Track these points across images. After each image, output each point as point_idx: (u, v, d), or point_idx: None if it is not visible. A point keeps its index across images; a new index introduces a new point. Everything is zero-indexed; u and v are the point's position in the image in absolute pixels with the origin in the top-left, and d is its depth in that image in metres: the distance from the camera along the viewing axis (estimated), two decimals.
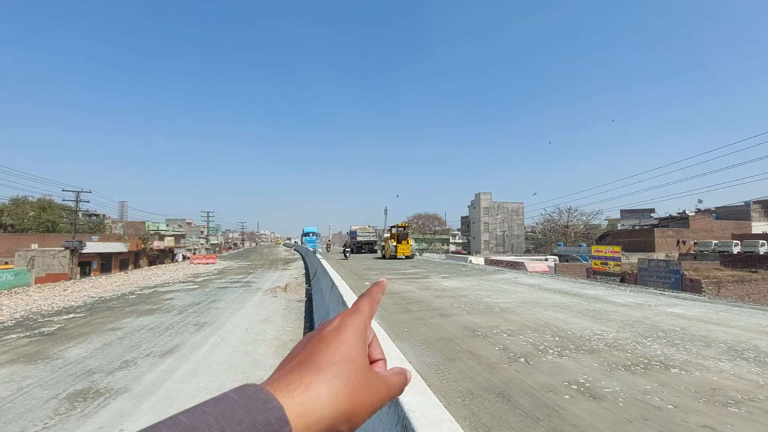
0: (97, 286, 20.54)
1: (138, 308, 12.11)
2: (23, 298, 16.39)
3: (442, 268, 20.59)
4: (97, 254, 39.63)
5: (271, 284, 17.86)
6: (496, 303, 9.15)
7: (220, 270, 28.69)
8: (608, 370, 4.48)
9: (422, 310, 8.42)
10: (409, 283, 13.45)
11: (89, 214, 58.06)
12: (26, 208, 49.70)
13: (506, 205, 78.22)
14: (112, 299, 14.66)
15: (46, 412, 4.71)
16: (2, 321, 11.08)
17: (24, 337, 8.84)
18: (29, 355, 7.23)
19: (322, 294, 9.48)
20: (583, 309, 8.35)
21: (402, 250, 28.42)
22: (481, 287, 12.17)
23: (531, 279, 14.75)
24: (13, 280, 25.50)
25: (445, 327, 6.83)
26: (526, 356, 5.02)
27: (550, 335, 6.08)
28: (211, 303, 12.67)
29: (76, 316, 11.20)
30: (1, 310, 13.12)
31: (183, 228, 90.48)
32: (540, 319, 7.32)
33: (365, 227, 41.75)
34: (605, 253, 25.41)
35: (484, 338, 5.99)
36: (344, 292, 5.38)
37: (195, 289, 16.70)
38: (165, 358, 6.67)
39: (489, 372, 4.49)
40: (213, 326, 9.09)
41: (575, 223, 64.54)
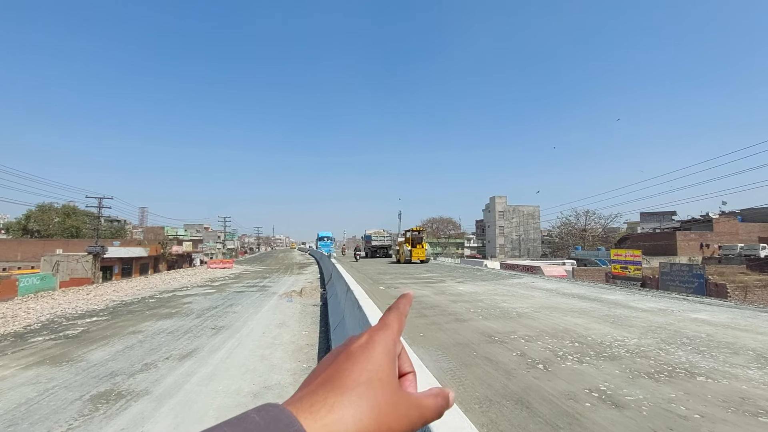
0: (119, 290, 21.05)
1: (158, 312, 12.35)
2: (49, 301, 16.90)
3: (457, 273, 20.43)
4: (118, 259, 40.62)
5: (287, 288, 18.01)
6: (512, 308, 9.02)
7: (237, 274, 29.07)
8: (630, 378, 4.37)
9: (438, 315, 8.36)
10: (424, 288, 13.38)
11: (111, 220, 59.57)
12: (51, 214, 51.40)
13: (522, 209, 77.30)
14: (132, 303, 14.99)
15: (71, 413, 4.83)
16: (29, 324, 11.44)
17: (50, 339, 9.10)
18: (54, 357, 7.44)
19: (337, 298, 9.52)
20: (602, 314, 8.17)
21: (417, 255, 28.26)
22: (497, 292, 12.03)
23: (548, 283, 14.51)
24: (39, 284, 26.33)
25: (461, 332, 6.76)
26: (544, 362, 4.93)
27: (569, 341, 5.96)
28: (228, 307, 12.84)
29: (98, 320, 11.49)
30: (28, 313, 13.55)
31: (200, 233, 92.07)
32: (558, 324, 7.19)
33: (380, 231, 41.42)
34: (625, 257, 24.83)
35: (501, 344, 5.91)
36: (359, 297, 5.39)
37: (212, 293, 16.96)
38: (184, 362, 6.78)
39: (507, 378, 4.42)
40: (230, 330, 9.21)
41: (593, 227, 63.27)
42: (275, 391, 5.24)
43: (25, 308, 14.87)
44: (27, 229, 50.98)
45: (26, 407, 5.08)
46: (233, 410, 4.63)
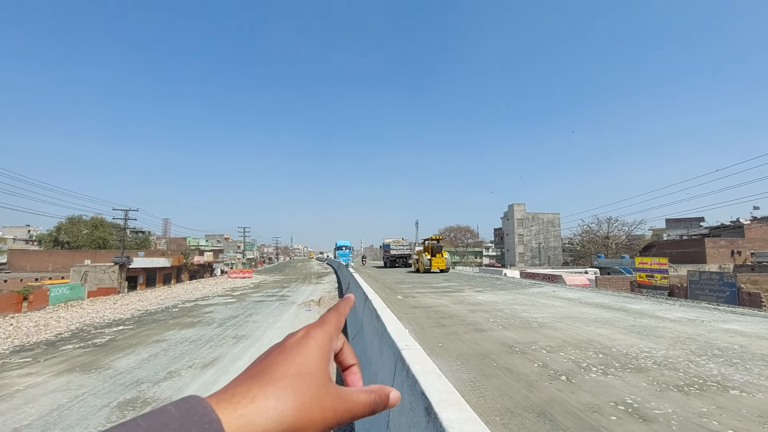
0: (143, 299, 21.60)
1: (181, 321, 12.62)
2: (78, 311, 17.47)
3: (476, 282, 20.20)
4: (142, 269, 41.73)
5: (305, 298, 18.14)
6: (533, 318, 8.86)
7: (256, 284, 29.46)
8: (658, 391, 4.23)
9: (456, 325, 8.28)
10: (441, 297, 13.28)
11: (136, 231, 61.36)
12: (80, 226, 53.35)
13: (541, 216, 76.07)
14: (156, 312, 15.35)
15: (99, 419, 4.97)
16: (60, 332, 11.85)
17: (79, 347, 9.41)
18: (84, 365, 7.68)
19: (355, 308, 9.54)
20: (628, 325, 7.94)
21: (437, 264, 27.93)
22: (517, 301, 11.84)
23: (570, 293, 14.20)
24: (68, 293, 27.25)
25: (480, 342, 6.67)
26: (567, 374, 4.82)
27: (593, 352, 5.81)
28: (248, 316, 13.02)
29: (124, 329, 11.81)
30: (58, 322, 14.04)
31: (221, 243, 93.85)
32: (581, 335, 7.02)
33: (399, 240, 40.48)
34: (651, 265, 24.12)
35: (522, 354, 5.80)
36: (378, 306, 5.41)
37: (233, 303, 17.23)
38: (206, 370, 6.90)
39: (528, 390, 4.34)
40: (251, 339, 9.33)
41: (616, 234, 61.70)
42: None
43: (56, 317, 15.41)
44: (58, 240, 53.03)
45: (58, 413, 5.26)
46: None
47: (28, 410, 5.42)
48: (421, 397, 1.81)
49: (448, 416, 1.48)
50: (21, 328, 13.08)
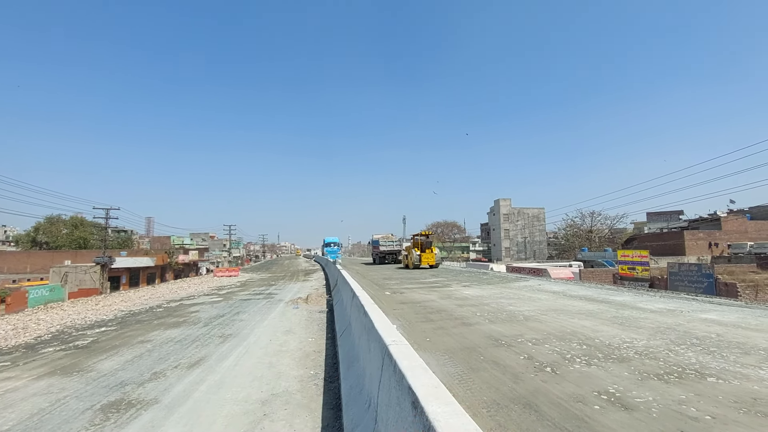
0: (127, 300, 21.19)
1: (165, 321, 12.42)
2: (58, 312, 17.05)
3: (463, 277, 20.37)
4: (125, 269, 40.91)
5: (293, 295, 18.04)
6: (519, 311, 8.99)
7: (243, 282, 29.16)
8: (640, 380, 4.34)
9: (444, 320, 8.35)
10: (429, 293, 13.36)
11: (118, 230, 60.05)
12: (60, 226, 51.97)
13: (527, 211, 77.02)
14: (140, 312, 15.08)
15: (82, 422, 4.86)
16: (40, 335, 11.54)
17: (60, 350, 9.18)
18: (65, 368, 7.50)
19: (343, 305, 9.53)
20: (611, 316, 8.12)
21: (426, 260, 27.86)
22: (504, 295, 11.99)
23: (555, 286, 14.43)
24: (48, 295, 26.56)
25: (467, 336, 6.74)
26: (552, 365, 4.91)
27: (577, 344, 5.93)
28: (235, 315, 12.89)
29: (107, 330, 11.57)
30: (38, 324, 13.68)
31: (206, 242, 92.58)
32: (566, 327, 7.16)
33: (388, 236, 39.31)
34: (632, 258, 24.64)
35: (508, 347, 5.89)
36: (365, 303, 5.41)
37: (219, 302, 17.03)
38: (192, 370, 6.82)
39: (514, 382, 4.41)
40: (238, 338, 9.24)
41: (599, 228, 62.89)
42: (283, 398, 5.25)
43: (35, 319, 15.02)
44: (36, 241, 51.57)
45: (39, 417, 5.13)
46: (242, 417, 4.65)
47: (7, 415, 5.27)
48: (407, 392, 1.82)
49: (435, 410, 1.49)
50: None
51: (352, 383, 4.02)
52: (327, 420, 4.37)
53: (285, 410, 4.81)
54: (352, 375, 4.27)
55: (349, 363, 4.89)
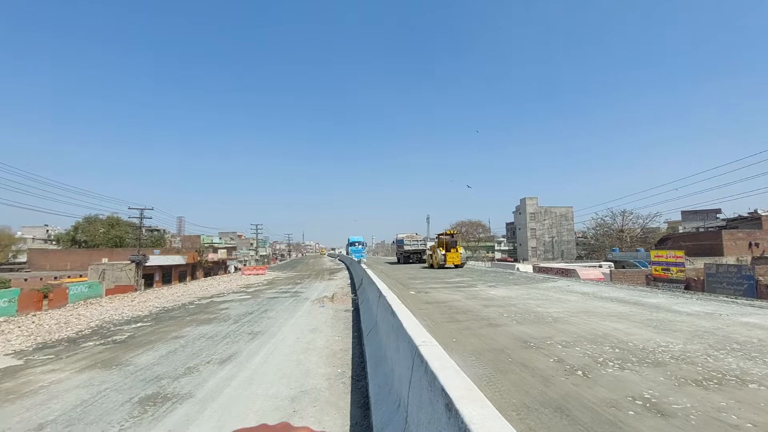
0: (160, 296, 22.00)
1: (197, 318, 12.84)
2: (97, 308, 17.88)
3: (489, 277, 20.13)
4: (158, 267, 42.45)
5: (318, 294, 18.28)
6: (548, 312, 8.82)
7: (270, 280, 29.75)
8: (676, 385, 4.20)
9: (470, 320, 8.29)
10: (454, 293, 13.28)
11: (151, 230, 62.35)
12: (97, 225, 54.37)
13: (554, 210, 75.21)
14: (173, 309, 15.64)
15: (122, 414, 5.10)
16: (80, 330, 12.15)
17: (99, 344, 9.64)
18: (105, 361, 7.87)
19: (368, 304, 9.60)
20: (644, 319, 7.86)
21: (451, 259, 27.62)
22: (531, 296, 11.78)
23: (585, 287, 14.07)
24: (87, 291, 27.85)
25: (494, 337, 6.68)
26: (583, 369, 4.81)
27: (609, 347, 5.78)
28: (263, 313, 13.18)
29: (143, 325, 12.06)
30: (78, 319, 14.39)
31: (234, 240, 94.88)
32: (597, 329, 6.98)
33: (413, 235, 38.85)
34: (666, 258, 23.70)
35: (537, 349, 5.79)
36: (393, 302, 5.44)
37: (247, 299, 17.45)
38: (224, 366, 7.03)
39: (544, 385, 4.34)
40: (266, 335, 9.45)
41: (631, 227, 60.72)
42: (312, 395, 5.34)
43: (75, 315, 15.81)
44: (75, 239, 54.14)
45: (81, 408, 5.41)
46: (272, 413, 4.77)
47: (52, 406, 5.58)
48: (441, 394, 1.83)
49: (470, 412, 1.50)
50: (43, 325, 13.44)
51: (380, 383, 4.06)
52: (355, 418, 4.42)
53: (314, 407, 4.90)
54: (380, 374, 4.30)
55: (377, 362, 4.93)
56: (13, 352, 9.36)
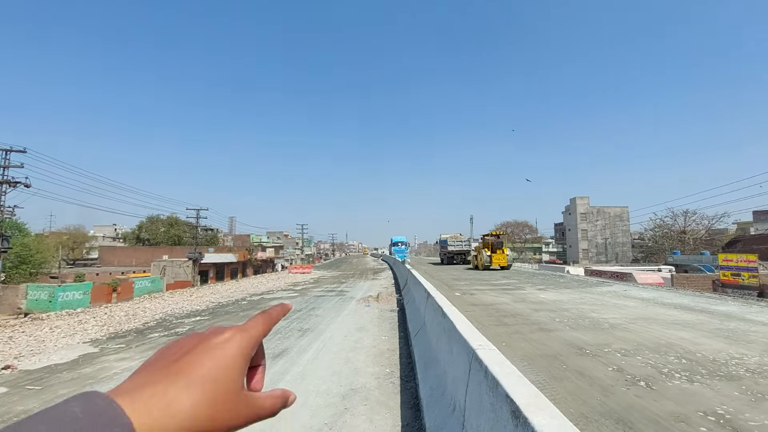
0: (215, 292, 23.27)
1: (250, 313, 13.44)
2: (160, 302, 19.23)
3: (537, 279, 19.49)
4: (212, 264, 44.86)
5: (363, 294, 18.53)
6: (603, 318, 8.42)
7: (316, 279, 30.53)
8: (753, 401, 3.88)
9: (519, 324, 8.09)
10: (501, 295, 12.99)
11: (206, 229, 66.00)
12: (158, 224, 58.42)
13: (607, 210, 71.35)
14: (228, 304, 16.49)
15: None
16: (146, 321, 13.12)
17: (164, 335, 10.36)
18: None
19: (415, 305, 9.60)
20: (713, 328, 7.30)
21: (497, 260, 27.02)
22: (585, 300, 11.28)
23: (643, 292, 13.26)
24: (150, 286, 30.02)
25: (547, 343, 6.48)
26: (646, 380, 4.56)
27: (675, 357, 5.43)
28: (310, 310, 13.57)
29: (201, 319, 12.82)
30: (144, 312, 15.55)
31: (280, 240, 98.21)
32: (660, 338, 6.57)
33: (457, 236, 38.27)
34: (737, 263, 21.78)
35: (594, 357, 5.56)
36: (443, 304, 5.42)
37: (296, 297, 18.03)
38: (277, 360, 7.32)
39: (603, 395, 4.16)
40: (315, 332, 9.73)
41: (695, 228, 56.31)
42: (361, 393, 5.44)
43: (142, 308, 17.08)
44: (139, 237, 58.50)
45: None
46: (324, 409, 4.91)
47: None
48: (505, 400, 1.81)
49: (540, 421, 1.47)
50: (114, 317, 14.64)
51: (432, 385, 4.07)
52: (407, 419, 4.46)
53: (364, 405, 4.99)
54: (432, 377, 4.31)
55: (427, 364, 4.93)
56: (90, 341, 10.29)
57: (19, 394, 6.14)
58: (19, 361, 8.39)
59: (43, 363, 8.11)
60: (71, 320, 14.11)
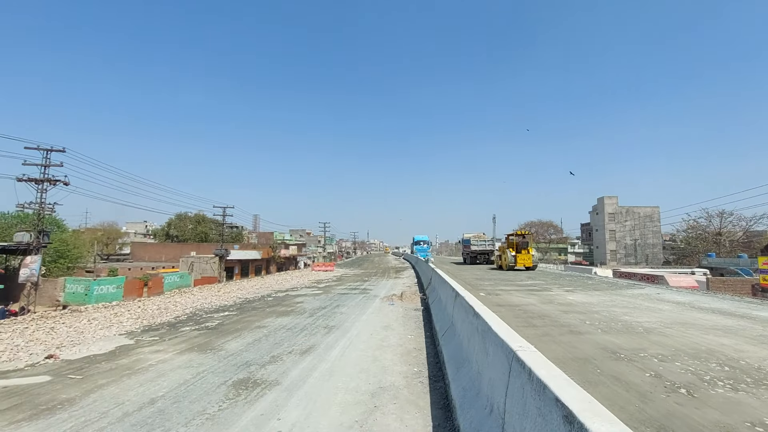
0: (241, 288, 23.78)
1: (276, 309, 13.69)
2: (189, 297, 19.80)
3: (564, 280, 19.06)
4: (237, 261, 45.86)
5: (387, 292, 18.57)
6: (637, 322, 8.16)
7: (338, 277, 30.79)
8: None
9: (548, 326, 7.93)
10: (528, 296, 12.77)
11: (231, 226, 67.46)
12: (186, 222, 60.09)
13: (637, 210, 69.05)
14: (254, 300, 16.83)
15: (219, 396, 5.60)
16: (177, 315, 13.53)
17: (194, 329, 10.67)
18: (200, 345, 8.70)
19: (441, 304, 9.56)
20: (756, 334, 6.97)
21: (522, 261, 26.54)
22: (616, 303, 10.96)
23: (678, 295, 12.78)
24: (179, 281, 30.97)
25: (578, 346, 6.33)
26: (687, 387, 4.39)
27: (717, 364, 5.21)
28: (335, 308, 13.70)
29: (229, 314, 13.13)
30: (175, 306, 16.04)
31: (303, 237, 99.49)
32: (699, 344, 6.32)
33: (480, 235, 37.83)
34: None
35: (629, 362, 5.39)
36: (473, 303, 5.36)
37: (320, 294, 18.24)
38: (304, 357, 7.43)
39: (642, 401, 4.04)
40: (341, 330, 9.82)
41: (731, 230, 53.84)
42: (390, 392, 5.46)
43: (173, 302, 17.63)
44: (168, 234, 60.36)
45: (185, 387, 6.02)
46: (354, 407, 4.95)
47: (161, 383, 6.28)
48: (554, 404, 1.78)
49: (599, 428, 1.43)
50: (147, 310, 15.17)
51: (464, 385, 4.03)
52: (437, 419, 4.45)
53: (394, 404, 5.00)
54: (464, 377, 4.28)
55: (458, 364, 4.90)
56: (125, 333, 10.69)
57: (62, 383, 6.43)
58: (61, 351, 8.80)
59: (82, 353, 8.47)
60: (107, 312, 14.69)
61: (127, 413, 4.99)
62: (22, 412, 5.14)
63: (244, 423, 4.59)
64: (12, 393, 5.98)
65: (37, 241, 24.27)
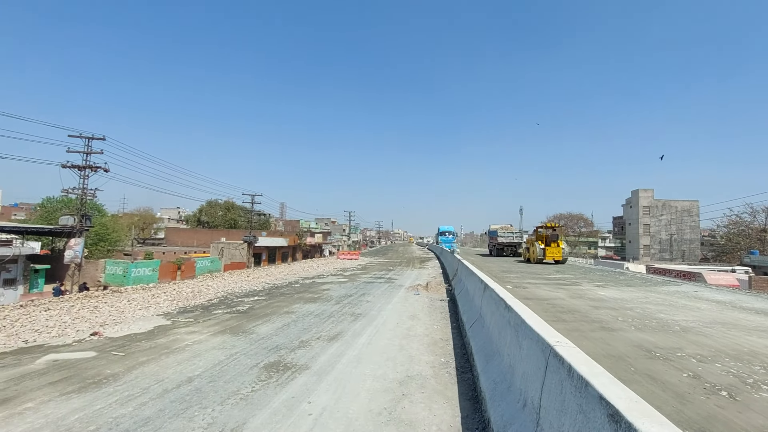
0: (269, 274, 24.37)
1: (303, 296, 13.98)
2: (220, 281, 20.47)
3: (594, 275, 18.56)
4: (265, 247, 46.99)
5: (412, 282, 18.62)
6: (673, 320, 7.88)
7: (363, 266, 31.06)
8: None
9: (578, 321, 7.77)
10: (556, 290, 12.53)
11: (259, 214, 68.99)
12: (216, 209, 61.88)
13: (674, 204, 66.00)
14: (282, 286, 17.24)
15: (251, 377, 5.80)
16: (210, 299, 14.03)
17: (227, 312, 11.04)
18: (233, 328, 9.01)
19: (469, 295, 9.51)
20: None
21: (551, 254, 25.87)
22: (650, 300, 10.61)
23: (718, 294, 12.23)
24: (210, 266, 32.03)
25: (610, 343, 6.18)
26: (728, 389, 4.23)
27: (761, 367, 4.98)
28: (361, 296, 13.86)
29: (259, 299, 13.51)
30: (208, 289, 16.63)
31: (328, 226, 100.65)
32: (741, 345, 6.05)
33: (507, 227, 36.98)
34: None
35: (666, 361, 5.23)
36: (504, 296, 5.31)
37: (345, 282, 18.48)
38: (332, 343, 7.57)
39: (680, 402, 3.92)
40: (367, 318, 9.94)
41: None
42: (418, 381, 5.51)
43: (205, 285, 18.28)
44: (200, 220, 62.39)
45: (219, 368, 6.26)
46: (383, 394, 5.03)
47: (196, 363, 6.56)
48: (598, 402, 1.75)
49: (648, 429, 1.39)
50: (181, 293, 15.79)
51: (495, 378, 4.02)
52: (466, 411, 4.46)
53: (422, 393, 5.05)
54: (494, 370, 4.26)
55: (488, 357, 4.88)
56: (162, 313, 11.18)
57: (106, 359, 6.81)
58: (104, 328, 9.30)
59: (124, 332, 8.94)
60: (145, 294, 15.39)
61: (166, 390, 5.25)
62: (72, 385, 5.49)
63: (276, 404, 4.74)
64: (62, 366, 6.39)
65: (80, 224, 25.60)
